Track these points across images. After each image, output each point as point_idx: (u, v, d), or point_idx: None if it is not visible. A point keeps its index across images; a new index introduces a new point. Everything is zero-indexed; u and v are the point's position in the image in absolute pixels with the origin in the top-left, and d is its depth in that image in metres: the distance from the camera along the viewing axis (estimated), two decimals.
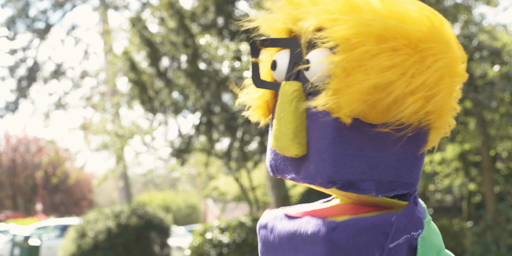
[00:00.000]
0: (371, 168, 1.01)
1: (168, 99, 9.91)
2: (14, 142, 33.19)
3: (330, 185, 1.02)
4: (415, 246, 1.02)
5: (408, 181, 1.05)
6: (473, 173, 13.38)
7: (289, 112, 1.04)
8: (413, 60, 0.97)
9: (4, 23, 27.48)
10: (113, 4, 24.62)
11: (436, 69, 0.99)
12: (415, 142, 1.04)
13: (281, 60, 1.10)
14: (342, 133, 1.01)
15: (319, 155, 1.02)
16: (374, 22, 0.97)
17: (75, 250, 10.85)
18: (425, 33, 0.99)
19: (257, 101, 1.16)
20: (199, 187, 31.97)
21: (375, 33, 0.97)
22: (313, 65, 1.02)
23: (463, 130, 10.87)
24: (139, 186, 44.99)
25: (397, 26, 0.98)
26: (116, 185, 23.92)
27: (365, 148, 1.01)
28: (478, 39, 9.45)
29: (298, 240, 1.05)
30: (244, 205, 20.24)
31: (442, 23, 1.04)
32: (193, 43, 9.27)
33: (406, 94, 0.97)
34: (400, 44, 0.97)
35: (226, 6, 9.77)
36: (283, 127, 1.04)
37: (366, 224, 1.00)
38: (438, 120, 1.04)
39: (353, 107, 0.97)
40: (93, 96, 18.04)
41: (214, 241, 8.40)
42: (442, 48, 1.00)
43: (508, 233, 7.88)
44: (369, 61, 0.96)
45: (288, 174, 1.09)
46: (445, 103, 1.02)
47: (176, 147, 10.34)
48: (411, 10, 1.02)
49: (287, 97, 1.04)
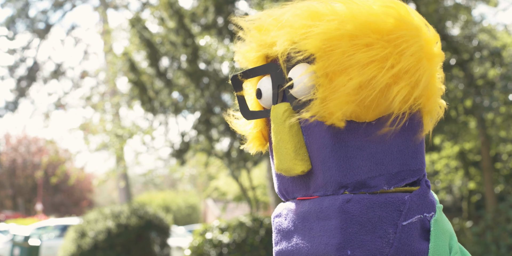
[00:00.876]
0: (376, 164, 1.03)
1: (168, 99, 9.90)
2: (14, 142, 33.19)
3: (342, 191, 1.03)
4: (428, 228, 1.04)
5: (415, 167, 1.07)
6: (473, 173, 13.38)
7: (284, 132, 1.06)
8: (388, 51, 1.00)
9: (4, 23, 27.48)
10: (113, 4, 24.61)
11: (411, 53, 1.01)
12: (411, 129, 1.06)
13: (264, 87, 1.12)
14: (340, 138, 1.03)
15: (324, 165, 1.04)
16: (343, 24, 1.00)
17: (75, 250, 10.85)
18: (393, 24, 1.02)
19: (251, 133, 1.18)
20: (199, 187, 31.97)
21: (346, 34, 0.99)
22: (296, 81, 1.04)
23: (463, 130, 10.87)
24: (139, 186, 44.98)
25: (365, 23, 1.00)
26: (116, 185, 23.92)
27: (365, 147, 1.03)
28: (478, 39, 9.44)
29: (313, 218, 1.05)
30: (244, 205, 20.25)
31: (407, 10, 1.06)
32: (193, 43, 9.27)
33: (391, 84, 1.00)
34: (373, 39, 1.00)
35: (226, 6, 9.77)
36: (283, 149, 1.06)
37: (380, 200, 1.01)
38: (427, 103, 1.06)
39: (344, 110, 0.99)
40: (93, 96, 18.02)
41: (214, 241, 8.40)
42: (413, 33, 1.02)
43: (508, 233, 7.88)
44: (348, 62, 0.99)
45: (298, 193, 1.11)
46: (429, 85, 1.04)
47: (176, 147, 10.34)
48: (374, 5, 1.04)
49: (279, 119, 1.06)
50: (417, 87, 1.01)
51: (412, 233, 1.01)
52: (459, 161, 13.14)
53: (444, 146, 12.46)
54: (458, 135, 10.94)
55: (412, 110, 1.04)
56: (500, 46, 9.31)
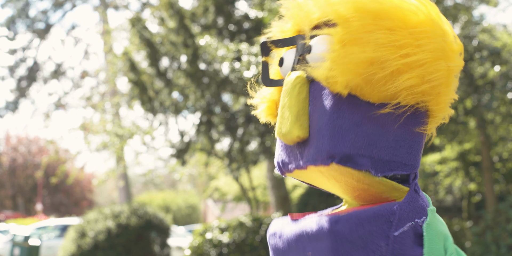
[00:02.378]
0: (368, 144, 1.03)
1: (168, 99, 9.91)
2: (14, 142, 33.19)
3: (329, 161, 1.03)
4: (421, 233, 1.02)
5: (407, 162, 1.06)
6: (473, 173, 13.38)
7: (292, 96, 1.07)
8: (407, 41, 1.01)
9: (4, 23, 27.49)
10: (113, 4, 24.62)
11: (430, 50, 1.02)
12: (413, 123, 1.06)
13: (287, 56, 1.14)
14: (340, 108, 1.03)
15: (319, 133, 1.04)
16: (371, 3, 1.02)
17: (75, 250, 10.85)
18: (421, 18, 1.03)
19: (266, 102, 1.20)
20: (199, 187, 31.98)
21: (372, 11, 1.02)
22: (314, 46, 1.07)
23: (463, 130, 10.87)
24: (139, 186, 44.99)
25: (395, 8, 1.02)
26: (116, 185, 23.91)
27: (362, 124, 1.03)
28: (478, 39, 9.44)
29: (305, 239, 1.06)
30: (244, 205, 20.26)
31: (439, 14, 1.08)
32: (193, 43, 9.27)
33: (401, 70, 1.01)
34: (396, 26, 1.01)
35: (226, 6, 9.77)
36: (286, 112, 1.07)
37: (368, 214, 1.01)
38: (436, 105, 1.06)
39: (348, 78, 1.00)
40: (93, 96, 18.03)
41: (214, 241, 8.40)
42: (437, 32, 1.04)
43: (508, 233, 7.88)
44: (365, 36, 1.00)
45: (291, 163, 1.10)
46: (441, 86, 1.05)
47: (176, 147, 10.35)
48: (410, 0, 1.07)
49: (290, 83, 1.08)
50: (427, 82, 1.02)
51: (405, 242, 1.00)
52: (459, 161, 13.15)
53: (444, 146, 12.46)
54: (458, 135, 10.94)
55: (418, 106, 1.04)
56: (500, 46, 9.31)
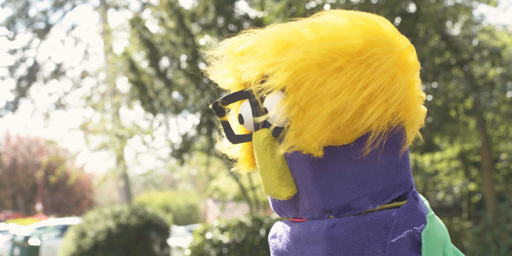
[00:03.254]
0: (359, 186, 1.02)
1: (168, 99, 9.90)
2: (14, 142, 33.19)
3: (327, 215, 1.04)
4: (419, 241, 1.02)
5: (400, 182, 1.05)
6: (473, 173, 13.37)
7: (267, 160, 1.06)
8: (360, 71, 0.98)
9: (4, 23, 27.49)
10: (113, 4, 24.61)
11: (385, 71, 0.99)
12: (393, 144, 1.04)
13: (245, 112, 1.12)
14: (319, 165, 1.03)
15: (307, 191, 1.05)
16: (309, 54, 0.98)
17: (75, 250, 10.85)
18: (363, 43, 1.00)
19: (240, 154, 1.20)
20: (199, 187, 31.98)
21: (314, 63, 0.98)
22: (271, 111, 1.04)
23: (463, 130, 10.87)
24: (139, 186, 44.98)
25: (333, 47, 0.98)
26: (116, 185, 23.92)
27: (346, 170, 1.02)
28: (478, 39, 9.44)
29: (303, 242, 1.06)
30: (244, 205, 20.25)
31: (377, 24, 1.04)
32: (193, 43, 9.27)
33: (365, 105, 0.99)
34: (343, 62, 0.98)
35: (226, 6, 9.77)
36: (267, 176, 1.07)
37: (366, 220, 1.01)
38: (407, 114, 1.04)
39: (320, 140, 0.99)
40: (93, 96, 18.03)
41: (214, 241, 8.40)
42: (384, 49, 1.01)
43: (508, 233, 7.88)
44: (318, 91, 0.97)
45: (289, 213, 1.12)
46: (407, 97, 1.03)
47: (176, 147, 10.34)
48: (342, 25, 1.02)
49: (260, 147, 1.06)
50: (392, 103, 1.00)
51: (401, 249, 1.00)
52: (459, 161, 13.14)
53: (445, 146, 12.46)
54: (458, 135, 10.94)
55: (392, 126, 1.02)
56: (500, 46, 9.31)
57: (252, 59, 1.05)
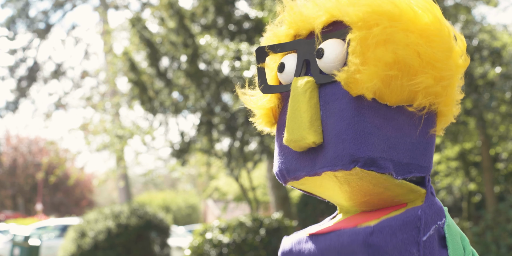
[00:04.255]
0: (389, 147, 1.02)
1: (168, 99, 9.90)
2: (14, 142, 33.19)
3: (352, 165, 1.00)
4: (443, 235, 1.03)
5: (423, 164, 1.06)
6: (473, 173, 13.37)
7: (303, 102, 1.04)
8: (420, 41, 1.00)
9: (4, 23, 27.49)
10: (113, 4, 24.63)
11: (441, 50, 1.02)
12: (426, 125, 1.06)
13: (289, 61, 1.11)
14: (360, 112, 1.02)
15: (337, 138, 1.02)
16: (385, 4, 1.01)
17: (75, 250, 10.85)
18: (430, 19, 1.03)
19: (262, 109, 1.16)
20: (200, 187, 31.98)
21: (387, 13, 1.00)
22: (328, 50, 1.05)
23: (463, 130, 10.87)
24: (139, 186, 44.99)
25: (406, 9, 1.02)
26: (116, 185, 23.93)
27: (383, 128, 1.02)
28: (478, 39, 9.45)
29: (333, 255, 1.03)
30: (244, 205, 20.25)
31: (442, 15, 1.08)
32: (193, 43, 9.27)
33: (417, 71, 1.00)
34: (409, 27, 1.01)
35: (226, 6, 9.78)
36: (298, 118, 1.04)
37: (398, 223, 1.00)
38: (445, 106, 1.07)
39: (374, 82, 0.99)
40: (93, 96, 18.04)
41: (214, 241, 8.40)
42: (445, 32, 1.04)
43: (508, 233, 7.88)
44: (385, 38, 0.99)
45: (302, 170, 1.07)
46: (450, 87, 1.05)
47: (176, 147, 10.35)
48: (415, 1, 1.06)
49: (300, 89, 1.05)
50: (440, 82, 1.02)
51: (433, 246, 1.01)
52: (459, 161, 13.14)
53: (445, 146, 12.46)
54: (458, 135, 10.94)
55: (430, 108, 1.05)
56: (500, 46, 9.31)
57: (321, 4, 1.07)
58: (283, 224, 8.60)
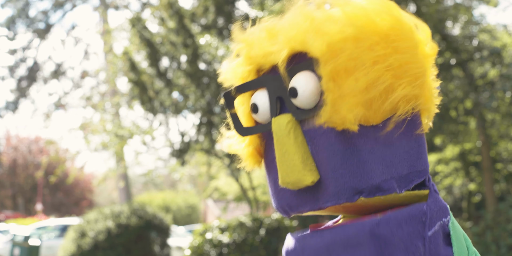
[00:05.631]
0: (387, 167, 1.01)
1: (168, 99, 9.90)
2: (14, 142, 33.19)
3: (357, 197, 1.00)
4: (448, 232, 1.03)
5: (421, 168, 1.06)
6: (473, 173, 13.37)
7: (290, 144, 1.02)
8: (388, 51, 0.99)
9: (4, 23, 27.49)
10: (113, 4, 24.62)
11: (409, 53, 1.01)
12: (413, 129, 1.06)
13: (260, 100, 1.09)
14: (351, 143, 1.01)
15: (335, 173, 1.01)
16: (344, 28, 0.99)
17: (75, 250, 10.85)
18: (389, 24, 1.02)
19: (246, 150, 1.15)
20: (200, 187, 31.98)
21: (350, 37, 0.98)
22: (301, 89, 1.02)
23: (463, 130, 10.88)
24: (139, 186, 44.99)
25: (364, 25, 1.00)
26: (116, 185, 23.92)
27: (376, 150, 1.01)
28: (478, 39, 9.44)
29: (338, 248, 1.02)
30: (244, 205, 20.24)
31: (399, 10, 1.06)
32: (193, 43, 9.27)
33: (393, 84, 0.99)
34: (374, 41, 0.99)
35: (226, 6, 9.78)
36: (289, 161, 1.02)
37: (404, 215, 0.99)
38: (426, 102, 1.06)
39: (355, 112, 0.98)
40: (93, 96, 18.03)
41: (214, 241, 8.40)
42: (408, 32, 1.03)
43: (508, 233, 7.88)
44: (354, 64, 0.98)
45: (304, 206, 1.06)
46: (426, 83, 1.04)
47: (176, 147, 10.34)
48: (367, 6, 1.03)
49: (282, 131, 1.03)
50: (416, 85, 1.01)
51: (438, 242, 1.00)
52: (459, 161, 13.14)
53: (445, 146, 12.46)
54: (458, 135, 10.94)
55: (414, 110, 1.04)
56: (500, 46, 9.31)
57: (280, 38, 1.04)
58: (283, 224, 8.60)
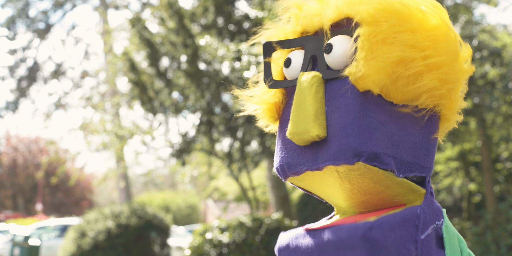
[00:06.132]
0: (393, 144, 1.02)
1: (168, 99, 9.90)
2: (14, 142, 33.20)
3: (355, 159, 1.00)
4: (441, 235, 1.04)
5: (425, 165, 1.06)
6: (473, 173, 13.38)
7: (309, 96, 1.05)
8: (427, 43, 1.02)
9: (4, 23, 27.49)
10: (113, 4, 24.63)
11: (447, 53, 1.03)
12: (429, 126, 1.07)
13: (295, 57, 1.12)
14: (366, 107, 1.02)
15: (342, 132, 1.02)
16: (396, 3, 1.03)
17: (75, 250, 10.85)
18: (438, 22, 1.05)
19: (266, 104, 1.16)
20: (200, 187, 31.99)
21: (397, 12, 1.02)
22: (337, 45, 1.06)
23: (463, 130, 10.87)
24: (139, 186, 44.99)
25: (415, 11, 1.04)
26: (116, 185, 23.93)
27: (387, 124, 1.02)
28: (478, 39, 9.45)
29: (331, 249, 1.02)
30: (244, 205, 20.25)
31: (449, 20, 1.09)
32: (193, 43, 9.27)
33: (423, 72, 1.01)
34: (417, 28, 1.02)
35: (226, 6, 9.77)
36: (303, 111, 1.04)
37: (397, 219, 1.00)
38: (448, 110, 1.07)
39: (381, 76, 1.00)
40: (93, 96, 18.04)
41: (214, 241, 8.40)
42: (451, 36, 1.06)
43: (508, 233, 7.88)
44: (393, 36, 1.01)
45: (303, 165, 1.06)
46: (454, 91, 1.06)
47: (176, 148, 10.35)
48: (422, 2, 1.07)
49: (307, 83, 1.05)
50: (445, 84, 1.03)
51: (430, 245, 1.01)
52: (459, 161, 13.15)
53: (445, 146, 12.46)
54: (458, 135, 10.94)
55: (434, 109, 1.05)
56: (500, 46, 9.31)
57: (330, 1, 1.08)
58: (283, 224, 8.59)
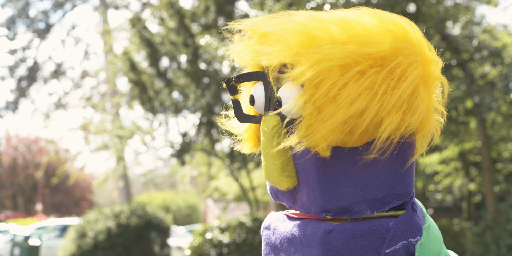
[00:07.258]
0: (361, 190, 1.01)
1: (168, 99, 9.90)
2: (14, 142, 33.19)
3: (324, 214, 1.02)
4: (413, 253, 1.01)
5: (401, 191, 1.04)
6: (473, 173, 13.37)
7: (272, 148, 1.04)
8: (382, 77, 0.95)
9: (4, 23, 27.48)
10: (113, 4, 24.61)
11: (407, 82, 0.96)
12: (401, 154, 1.03)
13: (257, 94, 1.11)
14: (325, 164, 1.01)
15: (308, 186, 1.03)
16: (333, 54, 0.95)
17: (75, 250, 10.84)
18: (388, 51, 0.97)
19: (246, 134, 1.18)
20: (200, 187, 31.98)
21: (337, 65, 0.95)
22: (284, 101, 1.02)
23: (463, 130, 10.87)
24: (139, 186, 44.98)
25: (358, 51, 0.95)
26: (116, 185, 23.93)
27: (351, 173, 1.01)
28: (478, 39, 9.45)
29: (297, 241, 1.05)
30: (244, 205, 20.25)
31: (406, 31, 1.01)
32: (193, 43, 9.27)
33: (382, 114, 0.96)
34: (365, 66, 0.95)
35: (226, 6, 9.77)
36: (270, 163, 1.05)
37: (362, 229, 1.00)
38: (421, 127, 1.02)
39: (329, 140, 0.97)
40: (93, 96, 18.04)
41: (214, 241, 8.40)
42: (409, 59, 0.98)
43: (508, 233, 7.88)
44: (338, 93, 0.95)
45: (284, 201, 1.12)
46: (424, 110, 1.00)
47: (176, 148, 10.34)
48: (371, 26, 0.99)
49: (268, 134, 1.05)
50: (412, 115, 0.98)
51: None
52: (459, 161, 13.14)
53: (445, 146, 12.46)
54: (458, 135, 10.94)
55: (404, 136, 1.00)
56: (500, 46, 9.31)
57: (276, 45, 1.01)
58: None
